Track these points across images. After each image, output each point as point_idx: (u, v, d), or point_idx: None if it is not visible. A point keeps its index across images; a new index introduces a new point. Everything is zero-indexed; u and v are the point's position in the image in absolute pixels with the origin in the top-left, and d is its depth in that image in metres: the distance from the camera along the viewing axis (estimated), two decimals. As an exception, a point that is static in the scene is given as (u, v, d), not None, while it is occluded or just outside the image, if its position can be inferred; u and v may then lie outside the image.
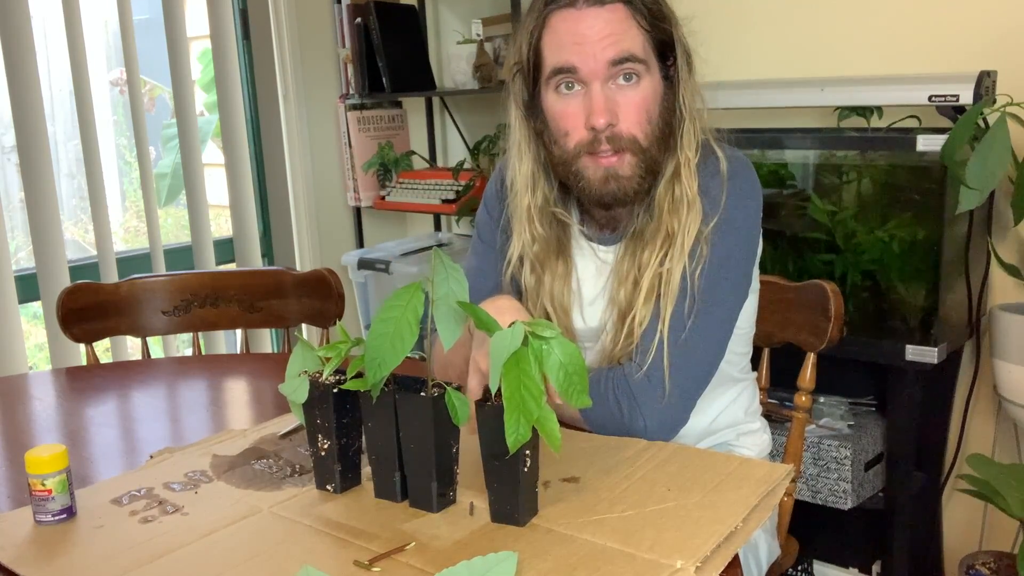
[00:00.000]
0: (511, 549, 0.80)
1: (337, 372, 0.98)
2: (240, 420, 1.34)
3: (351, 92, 2.92)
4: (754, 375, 1.39)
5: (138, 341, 1.83)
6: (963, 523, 2.10)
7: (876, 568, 2.05)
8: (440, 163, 3.04)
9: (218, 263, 2.71)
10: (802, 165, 1.98)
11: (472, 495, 0.94)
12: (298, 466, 1.07)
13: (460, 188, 2.70)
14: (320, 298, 1.82)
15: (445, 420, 0.90)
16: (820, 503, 1.93)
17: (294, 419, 1.20)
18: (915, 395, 1.85)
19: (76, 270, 2.41)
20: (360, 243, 3.07)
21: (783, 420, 1.79)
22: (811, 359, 1.41)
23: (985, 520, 2.06)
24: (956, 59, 1.95)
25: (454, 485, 0.94)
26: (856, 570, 2.09)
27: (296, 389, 0.98)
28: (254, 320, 1.86)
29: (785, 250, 1.98)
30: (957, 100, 1.74)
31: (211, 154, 3.16)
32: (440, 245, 2.91)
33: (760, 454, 1.35)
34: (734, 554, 0.83)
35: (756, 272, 1.25)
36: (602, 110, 1.11)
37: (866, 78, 1.98)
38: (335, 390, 0.95)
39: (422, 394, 0.90)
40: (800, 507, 1.61)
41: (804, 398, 1.42)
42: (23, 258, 2.93)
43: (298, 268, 2.73)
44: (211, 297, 1.84)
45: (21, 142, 2.28)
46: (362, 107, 2.95)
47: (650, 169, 1.15)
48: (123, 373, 1.60)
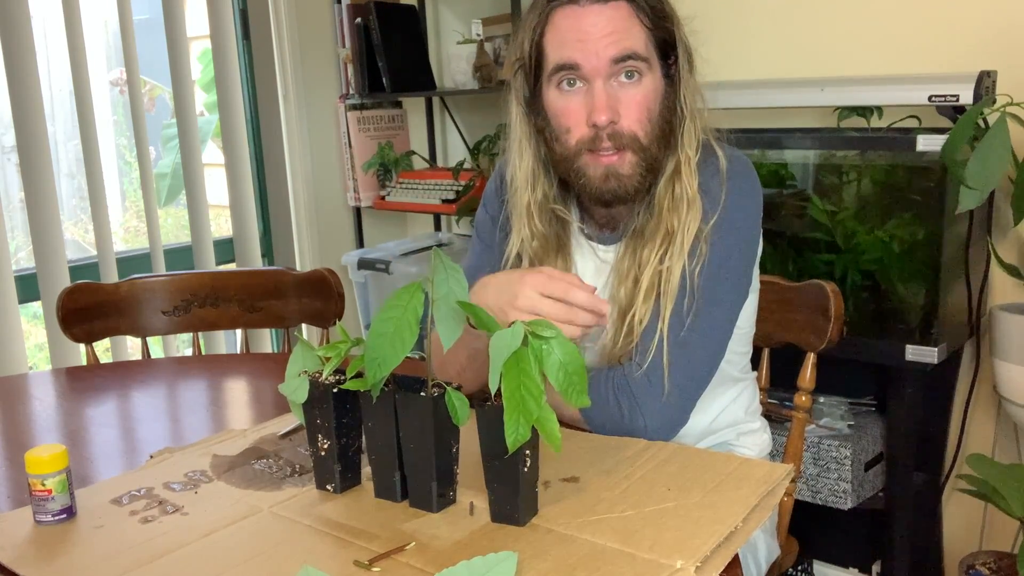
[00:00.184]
0: (511, 549, 0.80)
1: (337, 372, 0.98)
2: (240, 420, 1.34)
3: (351, 92, 2.92)
4: (754, 375, 1.39)
5: (138, 341, 1.83)
6: (963, 523, 2.10)
7: (876, 568, 2.05)
8: (440, 163, 3.04)
9: (218, 263, 2.71)
10: (802, 165, 1.98)
11: (472, 495, 0.94)
12: (298, 466, 1.07)
13: (460, 188, 2.70)
14: (320, 298, 1.82)
15: (445, 420, 0.90)
16: (820, 503, 1.93)
17: (294, 419, 1.20)
18: (915, 395, 1.85)
19: (76, 270, 2.41)
20: (360, 243, 3.07)
21: (783, 420, 1.79)
22: (811, 359, 1.41)
23: (985, 520, 2.06)
24: (956, 59, 1.95)
25: (454, 485, 0.94)
26: (856, 570, 2.09)
27: (296, 389, 0.98)
28: (254, 320, 1.86)
29: (785, 250, 1.98)
30: (957, 100, 1.74)
31: (211, 154, 3.16)
32: (440, 245, 2.91)
33: (760, 454, 1.35)
34: (734, 554, 0.83)
35: (756, 272, 1.26)
36: (604, 107, 1.11)
37: (866, 78, 1.98)
38: (335, 390, 0.95)
39: (422, 394, 0.90)
40: (800, 507, 1.61)
41: (804, 398, 1.42)
42: (23, 258, 2.92)
43: (298, 268, 2.74)
44: (211, 297, 1.84)
45: (21, 142, 2.28)
46: (362, 107, 2.95)
47: (650, 167, 1.16)
48: (123, 373, 1.60)
